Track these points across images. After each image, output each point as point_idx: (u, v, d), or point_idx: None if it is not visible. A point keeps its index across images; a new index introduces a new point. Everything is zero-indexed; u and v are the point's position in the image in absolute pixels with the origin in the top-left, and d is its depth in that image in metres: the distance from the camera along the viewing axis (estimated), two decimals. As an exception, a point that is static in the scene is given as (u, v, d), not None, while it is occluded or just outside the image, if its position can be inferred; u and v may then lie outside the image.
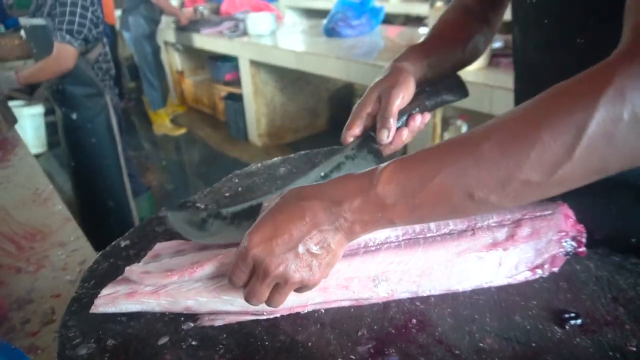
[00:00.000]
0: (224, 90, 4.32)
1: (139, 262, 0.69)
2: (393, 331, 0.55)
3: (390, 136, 0.66)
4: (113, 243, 0.74)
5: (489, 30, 0.83)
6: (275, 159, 1.00)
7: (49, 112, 3.77)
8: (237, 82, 4.09)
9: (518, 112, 0.44)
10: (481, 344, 0.53)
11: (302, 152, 1.02)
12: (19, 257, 0.97)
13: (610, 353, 0.52)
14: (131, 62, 5.65)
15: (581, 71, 0.44)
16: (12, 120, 1.86)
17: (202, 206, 0.83)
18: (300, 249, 0.48)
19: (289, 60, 3.16)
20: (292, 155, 1.01)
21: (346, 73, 2.75)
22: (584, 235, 0.63)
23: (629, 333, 0.54)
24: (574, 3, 0.60)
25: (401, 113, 0.67)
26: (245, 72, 3.70)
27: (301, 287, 0.51)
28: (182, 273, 0.56)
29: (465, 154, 0.44)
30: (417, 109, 0.69)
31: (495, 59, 2.23)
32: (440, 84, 0.73)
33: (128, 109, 5.03)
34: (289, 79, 3.84)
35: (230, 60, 4.33)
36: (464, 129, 2.32)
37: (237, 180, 0.92)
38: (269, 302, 0.52)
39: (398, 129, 0.68)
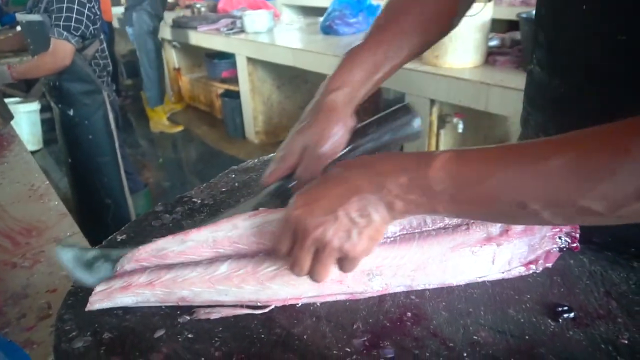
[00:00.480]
0: (221, 88, 4.32)
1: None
2: (388, 324, 0.55)
3: None
4: (109, 237, 0.74)
5: None
6: (272, 154, 1.00)
7: (45, 109, 3.74)
8: (234, 80, 4.08)
9: (595, 136, 0.41)
10: (475, 337, 0.54)
11: (299, 148, 1.02)
12: (15, 253, 0.96)
13: (603, 346, 0.52)
14: (128, 59, 5.64)
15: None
16: (9, 116, 1.85)
17: (199, 201, 0.83)
18: (340, 212, 0.48)
19: (286, 58, 3.16)
20: (289, 151, 1.01)
21: (343, 71, 2.75)
22: (578, 231, 0.63)
23: (621, 326, 0.54)
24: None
25: (335, 160, 0.62)
26: (243, 69, 3.70)
27: (342, 259, 0.50)
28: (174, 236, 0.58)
29: (529, 163, 0.42)
30: (354, 153, 0.63)
31: (491, 57, 2.24)
32: (384, 122, 0.63)
33: (125, 107, 5.02)
34: (286, 77, 3.84)
35: (227, 58, 4.32)
36: (460, 126, 2.33)
37: (233, 176, 0.92)
38: (311, 274, 0.52)
39: None
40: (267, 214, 0.58)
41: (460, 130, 2.35)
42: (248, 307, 0.58)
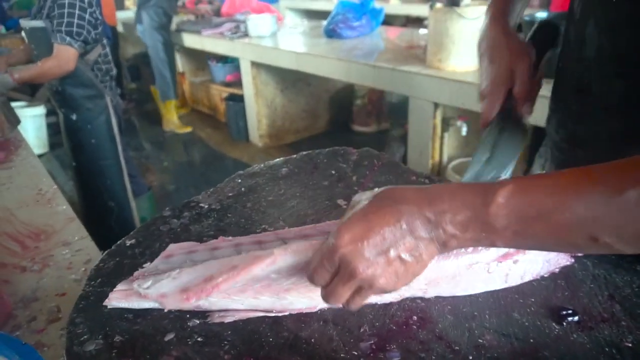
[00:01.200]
0: (224, 92, 4.34)
1: (144, 260, 0.70)
2: (394, 328, 0.56)
3: (533, 107, 0.70)
4: (119, 242, 0.75)
5: None
6: (278, 159, 1.01)
7: (50, 113, 3.78)
8: (237, 84, 4.10)
9: None
10: (480, 340, 0.54)
11: (304, 152, 1.04)
12: (24, 257, 0.97)
13: (607, 349, 0.53)
14: (132, 62, 5.67)
15: None
16: (15, 121, 1.87)
17: (206, 206, 0.84)
18: (392, 253, 0.45)
19: (289, 62, 3.18)
20: (294, 155, 1.03)
21: (346, 74, 2.77)
22: None
23: (625, 329, 0.55)
24: None
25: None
26: (246, 73, 3.72)
27: (381, 294, 0.49)
28: (198, 294, 0.57)
29: (602, 195, 0.39)
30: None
31: (494, 60, 2.25)
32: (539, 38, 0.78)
33: (129, 110, 5.04)
34: (290, 81, 3.85)
35: (231, 62, 4.34)
36: (464, 129, 2.33)
37: (240, 181, 0.93)
38: (347, 304, 0.50)
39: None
40: (308, 251, 0.56)
41: (464, 133, 2.36)
42: (262, 311, 0.59)
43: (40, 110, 3.74)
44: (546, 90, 0.82)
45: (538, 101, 0.77)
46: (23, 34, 2.13)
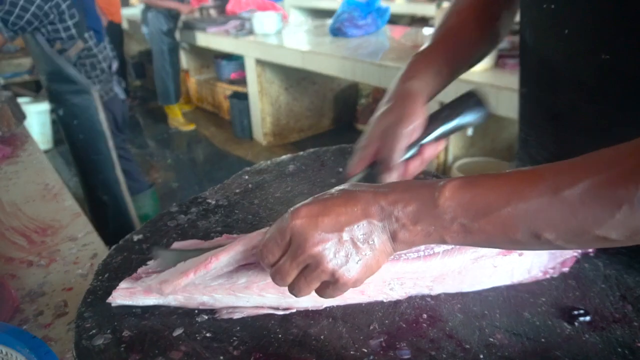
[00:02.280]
0: (229, 89, 4.34)
1: (151, 255, 0.70)
2: (404, 325, 0.56)
3: (395, 179, 0.62)
4: (126, 237, 0.75)
5: (510, 7, 0.77)
6: (285, 156, 1.01)
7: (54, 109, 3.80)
8: (242, 81, 4.10)
9: (608, 163, 0.40)
10: (491, 339, 0.54)
11: (311, 149, 1.03)
12: (31, 251, 0.98)
13: (619, 349, 0.53)
14: (137, 60, 5.68)
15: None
16: (21, 116, 1.87)
17: (213, 202, 0.84)
18: (345, 234, 0.45)
19: (294, 60, 3.17)
20: (302, 152, 1.02)
21: (352, 73, 2.76)
22: None
23: (637, 330, 0.55)
24: (604, 18, 0.57)
25: (412, 144, 0.63)
26: (251, 71, 3.72)
27: (329, 283, 0.48)
28: (197, 268, 0.56)
29: (542, 193, 0.41)
30: (431, 137, 0.64)
31: (501, 59, 2.24)
32: (456, 107, 0.66)
33: (133, 107, 5.05)
34: (295, 79, 3.85)
35: (235, 59, 4.34)
36: (470, 129, 2.32)
37: (247, 177, 0.93)
38: (291, 288, 0.49)
39: (409, 159, 0.63)
40: None
41: (469, 133, 2.35)
42: (269, 307, 0.58)
43: (45, 106, 3.75)
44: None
45: (509, 95, 0.72)
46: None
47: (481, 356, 0.52)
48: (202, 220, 0.79)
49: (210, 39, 4.08)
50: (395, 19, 4.66)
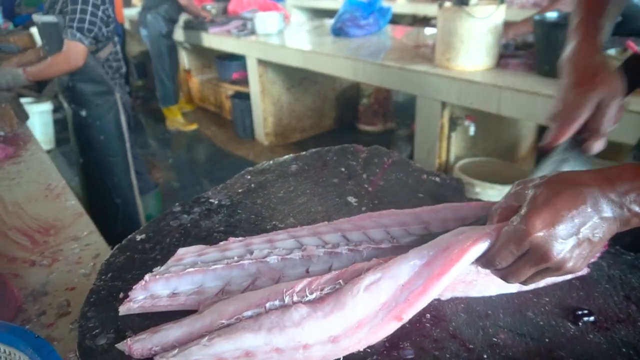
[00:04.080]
0: (231, 89, 4.34)
1: (154, 255, 0.70)
2: (407, 325, 0.55)
3: (601, 147, 0.66)
4: (129, 237, 0.75)
5: None
6: (287, 156, 1.01)
7: (57, 110, 3.80)
8: (244, 81, 4.10)
9: None
10: (495, 339, 0.54)
11: (314, 149, 1.03)
12: (34, 251, 0.98)
13: (624, 350, 0.52)
14: (139, 60, 5.68)
15: None
16: (24, 116, 1.88)
17: (216, 202, 0.84)
18: (581, 235, 0.47)
19: (296, 60, 3.17)
20: (304, 152, 1.02)
21: (353, 73, 2.76)
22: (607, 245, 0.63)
23: (642, 330, 0.54)
24: None
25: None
26: (253, 71, 3.72)
27: (557, 272, 0.50)
28: (447, 265, 0.52)
29: None
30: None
31: (503, 60, 2.24)
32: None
33: (135, 107, 5.06)
34: (296, 79, 3.85)
35: (237, 59, 4.34)
36: (472, 129, 2.32)
37: (249, 177, 0.93)
38: (524, 282, 0.51)
39: None
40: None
41: (471, 133, 2.35)
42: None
43: (47, 106, 3.75)
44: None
45: (522, 97, 0.74)
46: (32, 29, 2.14)
47: (485, 356, 0.52)
48: (205, 220, 0.79)
49: (212, 39, 4.08)
50: (397, 19, 4.66)
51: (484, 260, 0.51)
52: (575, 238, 0.47)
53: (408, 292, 0.51)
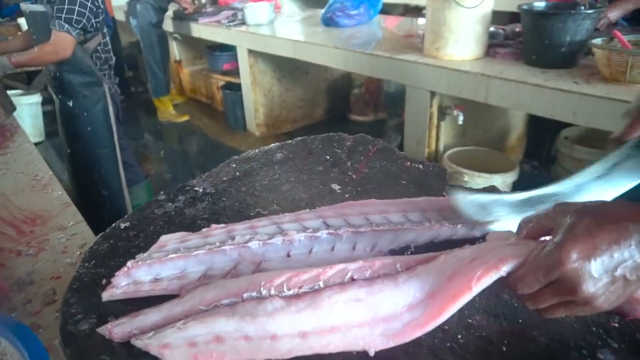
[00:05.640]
0: (222, 80, 4.32)
1: (138, 243, 0.71)
2: (385, 308, 0.57)
3: None
4: (113, 225, 0.75)
5: None
6: (273, 145, 1.01)
7: (46, 102, 3.76)
8: (235, 72, 4.08)
9: None
10: (470, 320, 0.55)
11: (299, 138, 1.04)
12: (20, 241, 0.98)
13: (594, 329, 0.54)
14: (128, 51, 5.63)
15: None
16: (11, 108, 1.86)
17: (200, 190, 0.85)
18: (618, 273, 0.44)
19: (287, 50, 3.16)
20: (289, 141, 1.03)
21: (344, 63, 2.76)
22: None
23: (612, 310, 0.56)
24: None
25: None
26: (244, 61, 3.70)
27: (583, 310, 0.47)
28: (207, 357, 0.50)
29: None
30: None
31: (492, 49, 2.24)
32: None
33: (126, 99, 5.02)
34: (287, 69, 3.84)
35: (228, 50, 4.32)
36: (460, 118, 2.33)
37: (234, 165, 0.93)
38: (544, 313, 0.49)
39: None
40: None
41: (460, 122, 2.36)
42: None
43: (36, 98, 3.72)
44: None
45: (510, 86, 0.74)
46: (20, 20, 2.12)
47: (459, 337, 0.53)
48: (190, 207, 0.80)
49: (202, 29, 4.05)
50: (388, 9, 4.64)
51: (506, 282, 0.49)
52: (610, 275, 0.44)
53: (387, 328, 0.51)
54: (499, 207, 0.65)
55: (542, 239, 0.52)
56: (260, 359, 0.50)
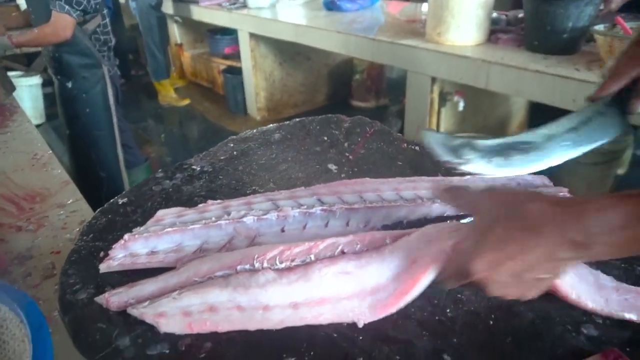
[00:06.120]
0: (223, 64, 4.30)
1: (135, 218, 0.72)
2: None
3: None
4: (111, 201, 0.77)
5: None
6: (271, 125, 1.02)
7: (46, 84, 3.75)
8: (236, 56, 4.06)
9: None
10: (459, 295, 0.56)
11: (297, 119, 1.04)
12: (20, 217, 0.99)
13: (580, 305, 0.55)
14: (129, 34, 5.59)
15: None
16: (11, 87, 1.86)
17: (198, 168, 0.85)
18: (528, 276, 0.45)
19: (288, 34, 3.14)
20: (287, 122, 1.03)
21: (345, 47, 2.74)
22: None
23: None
24: None
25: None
26: (245, 45, 3.68)
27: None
28: (201, 326, 0.52)
29: None
30: None
31: (494, 35, 2.23)
32: None
33: (134, 79, 5.01)
34: (289, 54, 3.82)
35: (229, 34, 4.29)
36: (461, 105, 2.33)
37: (232, 145, 0.94)
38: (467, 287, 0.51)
39: None
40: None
41: (460, 109, 2.35)
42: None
43: (36, 80, 3.70)
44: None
45: (511, 72, 0.73)
46: (19, 0, 2.11)
47: (447, 310, 0.54)
48: (187, 185, 0.81)
49: (202, 12, 4.02)
50: (392, -6, 4.59)
51: (438, 280, 0.52)
52: (518, 278, 0.45)
53: (374, 300, 0.52)
54: (469, 150, 0.65)
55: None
56: (252, 329, 0.51)
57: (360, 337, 0.51)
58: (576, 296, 0.55)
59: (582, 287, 0.55)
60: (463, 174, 0.78)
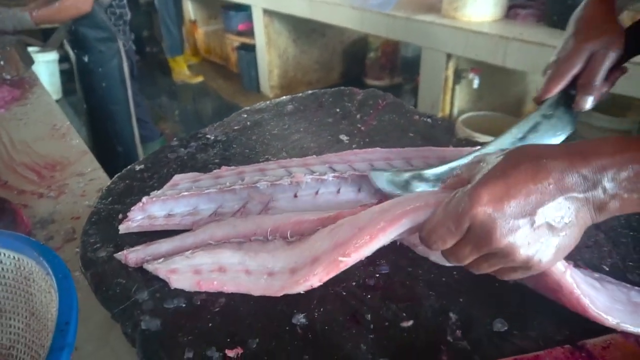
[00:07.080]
0: (236, 41, 4.28)
1: (152, 183, 0.74)
2: (385, 246, 0.59)
3: (592, 103, 0.62)
4: (128, 167, 0.79)
5: None
6: (284, 97, 1.03)
7: (63, 60, 3.78)
8: (250, 33, 4.04)
9: None
10: (466, 259, 0.57)
11: (310, 91, 1.05)
12: (41, 184, 1.02)
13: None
14: (144, 9, 5.58)
15: None
16: (29, 61, 1.89)
17: (212, 137, 0.87)
18: (538, 217, 0.38)
19: (302, 10, 3.11)
20: (300, 94, 1.04)
21: (360, 23, 2.71)
22: None
23: (606, 254, 0.58)
24: None
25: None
26: (259, 21, 3.65)
27: (518, 268, 0.41)
28: (209, 285, 0.53)
29: None
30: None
31: (513, 10, 2.18)
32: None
33: (147, 55, 5.03)
34: (303, 31, 3.78)
35: (243, 10, 4.26)
36: (476, 82, 2.30)
37: (245, 116, 0.95)
38: (469, 267, 0.43)
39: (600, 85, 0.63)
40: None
41: (475, 86, 2.33)
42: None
43: (53, 55, 3.74)
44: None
45: (530, 48, 0.71)
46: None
47: (454, 272, 0.56)
48: (201, 153, 0.83)
49: (217, -13, 4.00)
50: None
51: (420, 238, 0.44)
52: (529, 219, 0.38)
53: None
54: (418, 182, 0.63)
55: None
56: (255, 294, 0.53)
57: (369, 296, 0.53)
58: (613, 321, 0.48)
59: (616, 309, 0.50)
60: (475, 144, 0.79)
